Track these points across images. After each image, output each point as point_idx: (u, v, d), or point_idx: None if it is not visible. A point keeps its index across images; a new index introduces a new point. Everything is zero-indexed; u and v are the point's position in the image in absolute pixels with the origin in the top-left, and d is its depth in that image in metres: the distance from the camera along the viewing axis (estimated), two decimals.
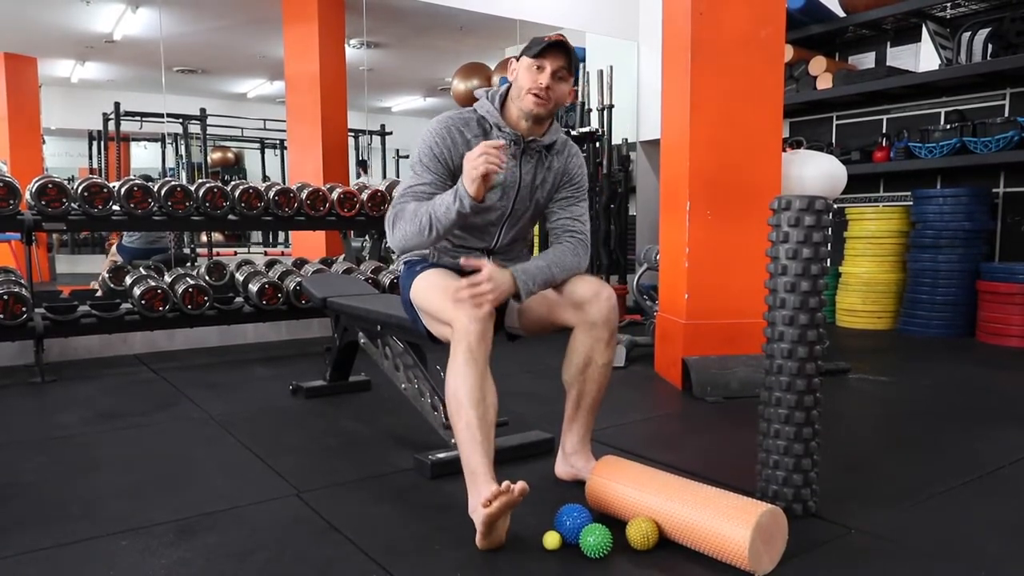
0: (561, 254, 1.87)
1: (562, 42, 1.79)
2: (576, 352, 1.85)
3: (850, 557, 1.55)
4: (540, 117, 1.85)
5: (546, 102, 1.82)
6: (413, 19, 6.65)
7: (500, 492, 1.48)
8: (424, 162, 1.84)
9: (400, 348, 2.38)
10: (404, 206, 1.80)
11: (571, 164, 1.97)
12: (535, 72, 1.80)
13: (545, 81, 1.79)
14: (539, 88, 1.79)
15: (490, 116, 1.87)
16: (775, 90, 3.15)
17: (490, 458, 1.61)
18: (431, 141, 1.85)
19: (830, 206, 1.69)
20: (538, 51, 1.79)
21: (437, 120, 1.88)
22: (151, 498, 1.88)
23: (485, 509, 1.49)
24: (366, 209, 4.12)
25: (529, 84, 1.80)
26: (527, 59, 1.82)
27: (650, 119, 6.00)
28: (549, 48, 1.78)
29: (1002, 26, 4.27)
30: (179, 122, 8.01)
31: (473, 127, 1.87)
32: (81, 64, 7.83)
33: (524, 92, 1.81)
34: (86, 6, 6.10)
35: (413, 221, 1.76)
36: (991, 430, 2.49)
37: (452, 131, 1.85)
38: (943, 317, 4.37)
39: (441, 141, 1.84)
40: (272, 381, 3.25)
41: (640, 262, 4.05)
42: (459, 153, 1.81)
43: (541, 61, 1.80)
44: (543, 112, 1.84)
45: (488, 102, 1.89)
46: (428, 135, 1.86)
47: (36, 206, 3.28)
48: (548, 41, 1.79)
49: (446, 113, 1.90)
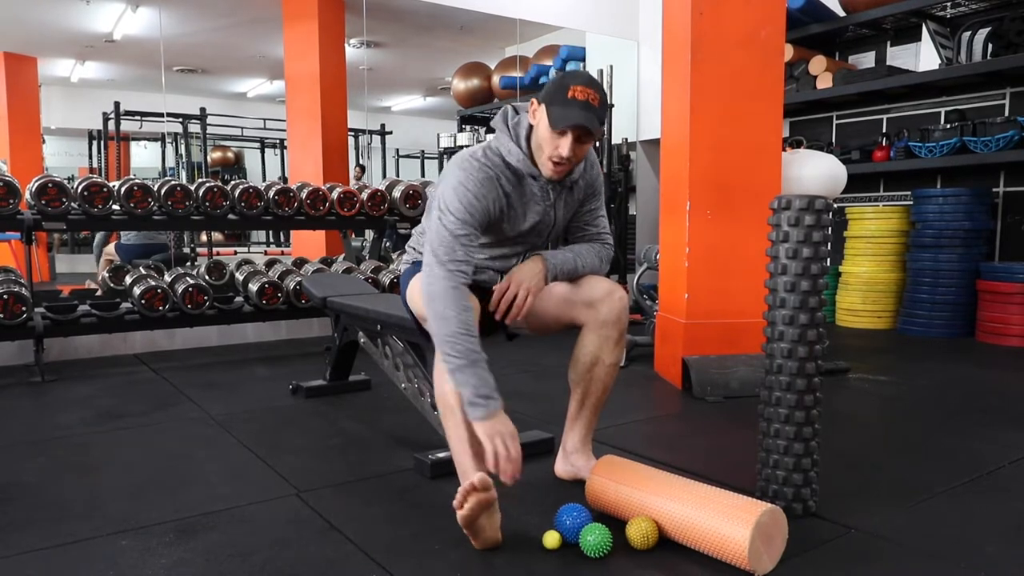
0: (587, 252, 1.89)
1: (584, 125, 1.64)
2: (584, 350, 1.85)
3: (850, 557, 1.55)
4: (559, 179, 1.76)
5: (566, 167, 1.72)
6: (413, 19, 6.65)
7: (468, 491, 1.48)
8: (470, 211, 1.67)
9: (400, 348, 2.38)
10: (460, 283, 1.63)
11: (591, 175, 1.91)
12: (556, 137, 1.67)
13: (566, 152, 1.67)
14: (559, 157, 1.68)
15: (524, 167, 1.74)
16: (775, 90, 3.15)
17: (480, 456, 1.61)
18: (477, 191, 1.68)
19: (830, 206, 1.69)
20: (561, 126, 1.64)
21: (478, 164, 1.71)
22: (151, 498, 1.88)
23: (459, 512, 1.49)
24: (366, 209, 4.12)
25: (549, 150, 1.69)
26: (547, 122, 1.66)
27: (650, 119, 6.00)
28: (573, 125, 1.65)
29: (1002, 26, 4.27)
30: (179, 122, 8.01)
31: (509, 176, 1.75)
32: (81, 64, 7.83)
33: (543, 155, 1.70)
34: (86, 6, 6.10)
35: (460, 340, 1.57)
36: (991, 430, 2.49)
37: (494, 184, 1.72)
38: (943, 317, 4.37)
39: (487, 193, 1.70)
40: (272, 381, 3.25)
41: (640, 262, 4.05)
42: (499, 207, 1.74)
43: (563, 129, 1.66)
44: (562, 176, 1.75)
45: (515, 146, 1.74)
46: (472, 182, 1.68)
47: (36, 205, 3.29)
48: (573, 110, 1.63)
49: (479, 155, 1.73)
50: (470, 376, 1.55)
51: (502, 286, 1.78)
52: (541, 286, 1.80)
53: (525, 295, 1.77)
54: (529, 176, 1.76)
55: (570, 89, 1.64)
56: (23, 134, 7.77)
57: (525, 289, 1.77)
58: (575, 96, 1.64)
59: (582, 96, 1.64)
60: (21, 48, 7.54)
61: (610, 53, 6.04)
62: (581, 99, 1.64)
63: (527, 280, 1.77)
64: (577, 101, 1.63)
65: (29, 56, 7.68)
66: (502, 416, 1.57)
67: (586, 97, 1.64)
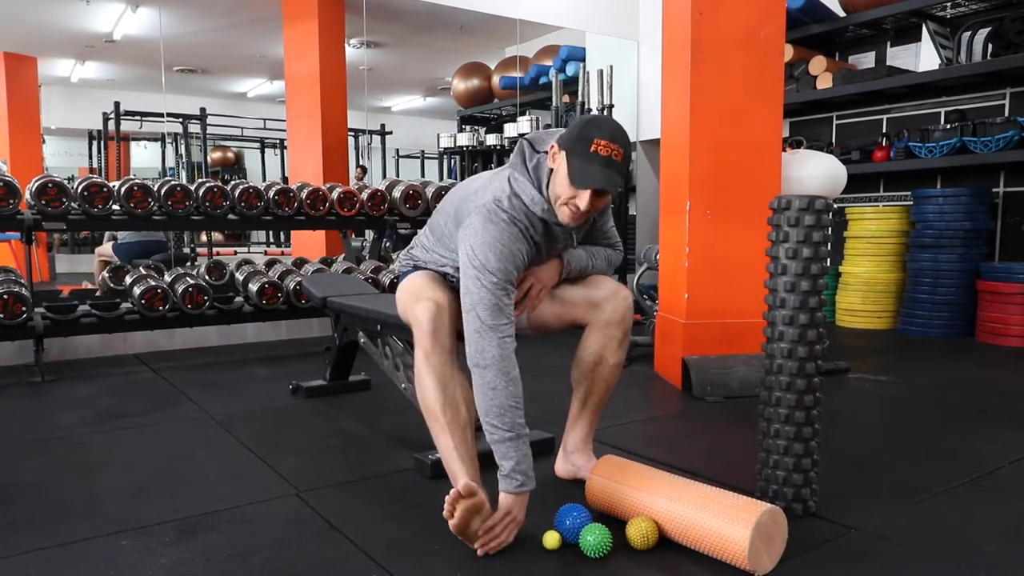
0: (599, 253, 1.92)
1: (605, 188, 1.59)
2: (588, 350, 1.86)
3: (850, 557, 1.55)
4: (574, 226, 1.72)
5: (581, 218, 1.67)
6: (413, 19, 6.65)
7: (455, 500, 1.49)
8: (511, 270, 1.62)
9: (400, 348, 2.38)
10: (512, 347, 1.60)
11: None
12: (574, 189, 1.61)
13: (584, 206, 1.61)
14: (575, 207, 1.62)
15: (548, 217, 1.69)
16: (775, 90, 3.15)
17: (469, 458, 1.62)
18: (514, 248, 1.63)
19: (830, 206, 1.69)
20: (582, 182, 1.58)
21: (508, 219, 1.64)
22: (151, 498, 1.88)
23: (449, 521, 1.50)
24: (366, 209, 4.12)
25: (565, 198, 1.63)
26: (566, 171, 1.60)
27: (650, 119, 6.00)
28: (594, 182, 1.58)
29: (1002, 26, 4.27)
30: (179, 122, 8.02)
31: (537, 225, 1.70)
32: (81, 64, 7.83)
33: (559, 202, 1.65)
34: (86, 6, 6.10)
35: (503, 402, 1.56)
36: (991, 430, 2.49)
37: (526, 237, 1.68)
38: (943, 317, 4.37)
39: (521, 248, 1.66)
40: (272, 381, 3.25)
41: (640, 262, 4.05)
42: (529, 257, 1.71)
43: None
44: (576, 225, 1.71)
45: (537, 193, 1.68)
46: (509, 238, 1.63)
47: (36, 205, 3.28)
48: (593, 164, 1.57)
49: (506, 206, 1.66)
50: (514, 450, 1.57)
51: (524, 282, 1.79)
52: (556, 281, 1.82)
53: (540, 288, 1.79)
54: (554, 223, 1.72)
55: (593, 142, 1.57)
56: (23, 134, 7.78)
57: (540, 284, 1.79)
58: (598, 151, 1.56)
59: (605, 152, 1.56)
60: (21, 48, 7.55)
61: (610, 53, 6.03)
62: (604, 155, 1.56)
63: (543, 273, 1.79)
64: (600, 157, 1.56)
65: (29, 56, 7.68)
66: (526, 500, 1.60)
67: (609, 153, 1.57)
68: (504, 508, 1.57)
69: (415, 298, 1.76)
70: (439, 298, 1.73)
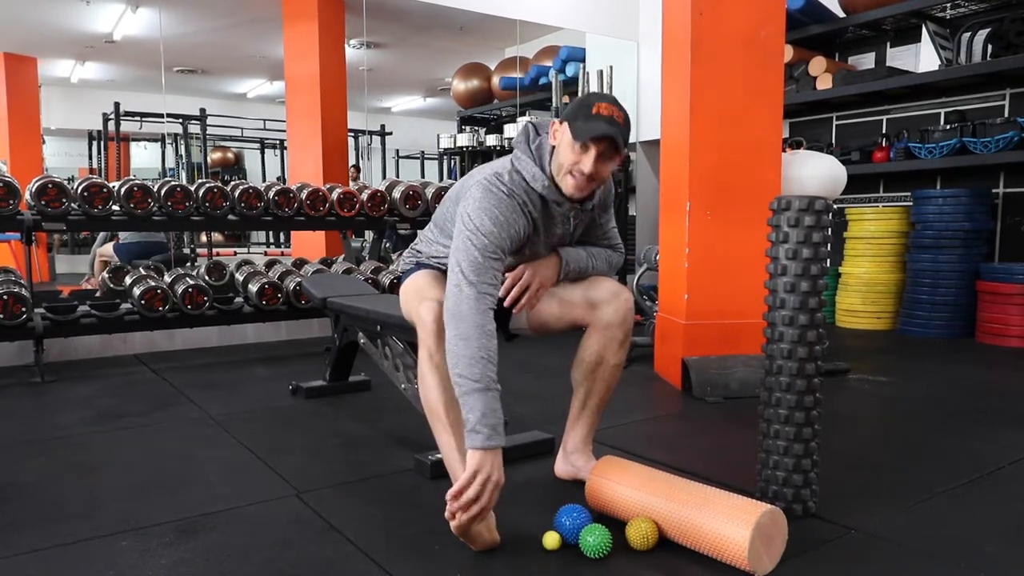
0: (599, 254, 1.91)
1: (611, 134, 1.60)
2: (588, 351, 1.86)
3: (850, 557, 1.55)
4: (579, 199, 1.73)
5: (587, 186, 1.68)
6: (413, 19, 6.65)
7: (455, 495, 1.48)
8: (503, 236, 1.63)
9: (400, 348, 2.38)
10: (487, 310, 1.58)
11: (604, 191, 1.88)
12: (578, 152, 1.63)
13: (588, 168, 1.63)
14: (580, 172, 1.64)
15: (548, 194, 1.71)
16: (775, 90, 3.15)
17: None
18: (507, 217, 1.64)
19: (830, 206, 1.69)
20: (584, 138, 1.61)
21: (506, 190, 1.67)
22: (151, 498, 1.88)
23: (451, 523, 1.49)
24: (366, 209, 4.12)
25: (569, 165, 1.65)
26: (570, 137, 1.63)
27: (650, 119, 5.99)
28: (596, 138, 1.61)
29: (1002, 26, 4.27)
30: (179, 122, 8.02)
31: (536, 201, 1.72)
32: (81, 64, 7.83)
33: (564, 172, 1.67)
34: (86, 6, 6.10)
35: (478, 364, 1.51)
36: (991, 430, 2.49)
37: (521, 211, 1.69)
38: (943, 317, 4.37)
39: (516, 220, 1.67)
40: (272, 381, 3.25)
41: (640, 262, 4.05)
42: (525, 234, 1.71)
43: (586, 143, 1.63)
44: (582, 196, 1.71)
45: (539, 170, 1.70)
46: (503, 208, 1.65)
47: (36, 206, 3.28)
48: (596, 124, 1.60)
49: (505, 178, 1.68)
50: (480, 402, 1.49)
51: (516, 273, 1.78)
52: (553, 280, 1.81)
53: (538, 286, 1.78)
54: (554, 202, 1.73)
55: (594, 106, 1.62)
56: (23, 134, 7.78)
57: (538, 281, 1.78)
58: (599, 112, 1.61)
59: (607, 112, 1.61)
60: (21, 48, 7.55)
61: (610, 53, 6.04)
62: (606, 115, 1.61)
63: (540, 271, 1.78)
64: (602, 116, 1.60)
65: (29, 56, 7.68)
66: (498, 458, 1.50)
67: (610, 113, 1.61)
68: (472, 466, 1.46)
69: (420, 298, 1.76)
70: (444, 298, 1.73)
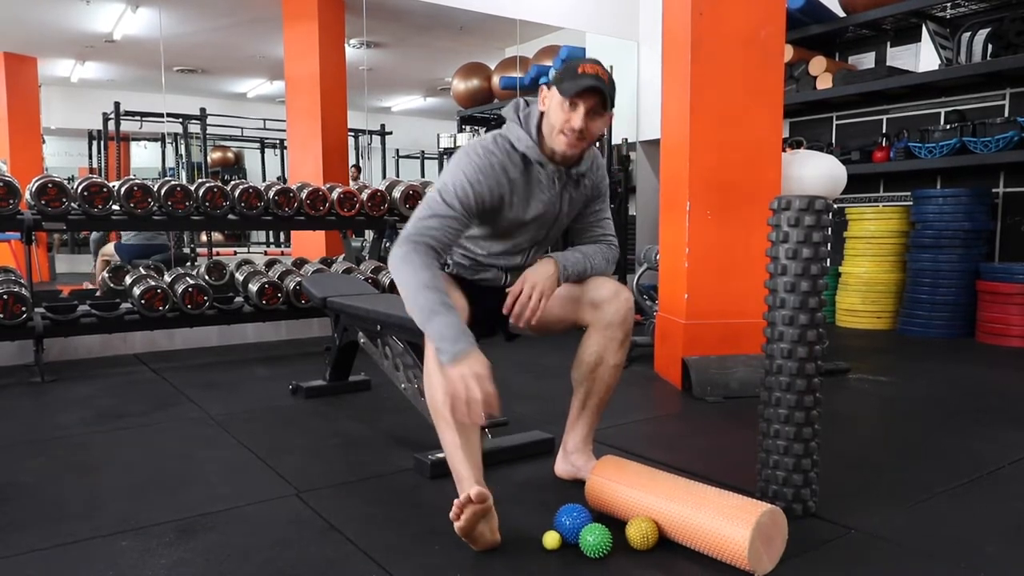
0: (595, 254, 1.90)
1: (597, 85, 1.66)
2: (589, 351, 1.86)
3: (850, 557, 1.55)
4: (570, 158, 1.76)
5: (578, 144, 1.71)
6: (413, 19, 6.65)
7: (464, 504, 1.48)
8: (458, 193, 1.67)
9: (400, 348, 2.38)
10: (415, 253, 1.60)
11: (598, 177, 1.92)
12: (568, 110, 1.68)
13: (578, 123, 1.67)
14: (571, 130, 1.68)
15: (531, 153, 1.75)
16: (775, 90, 3.15)
17: (474, 459, 1.61)
18: (474, 176, 1.69)
19: (830, 206, 1.69)
20: (572, 92, 1.65)
21: (482, 150, 1.72)
22: (151, 498, 1.88)
23: (456, 523, 1.50)
24: (366, 209, 4.12)
25: (560, 124, 1.69)
26: (559, 96, 1.69)
27: (650, 119, 6.00)
28: (584, 91, 1.66)
29: (1002, 26, 4.27)
30: (179, 122, 8.02)
31: (516, 163, 1.75)
32: (81, 64, 7.83)
33: (555, 132, 1.70)
34: (86, 6, 6.10)
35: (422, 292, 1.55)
36: (991, 430, 2.49)
37: (498, 173, 1.72)
38: (943, 317, 4.37)
39: (486, 182, 1.70)
40: (272, 381, 3.25)
41: (640, 262, 4.05)
42: (499, 195, 1.73)
43: (575, 99, 1.67)
44: (575, 154, 1.74)
45: (524, 132, 1.75)
46: (471, 167, 1.70)
47: (36, 206, 3.28)
48: (583, 79, 1.65)
49: (488, 146, 1.74)
50: (434, 326, 1.51)
51: (515, 289, 1.77)
52: (554, 288, 1.79)
53: (539, 297, 1.75)
54: (537, 163, 1.76)
55: (580, 67, 1.68)
56: (23, 134, 7.78)
57: (539, 291, 1.75)
58: (585, 71, 1.67)
59: (592, 71, 1.67)
60: (21, 48, 7.55)
61: (610, 53, 6.03)
62: (591, 72, 1.67)
63: (540, 282, 1.75)
64: (588, 74, 1.66)
65: (29, 56, 7.68)
66: (473, 356, 1.49)
67: (596, 72, 1.67)
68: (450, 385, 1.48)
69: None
70: (454, 298, 1.71)
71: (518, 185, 1.76)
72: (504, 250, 1.90)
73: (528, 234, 1.87)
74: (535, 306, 1.74)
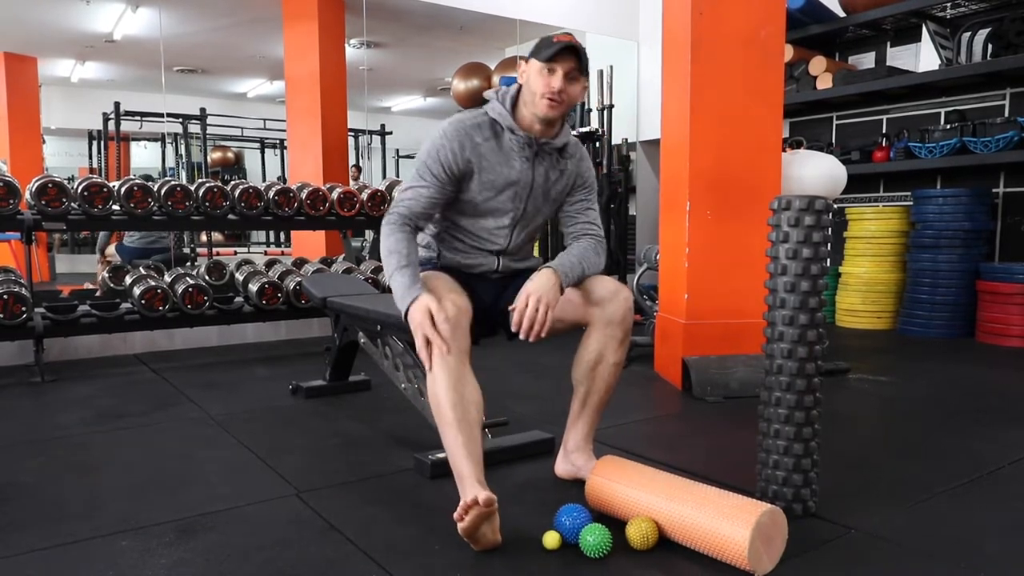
0: (586, 251, 1.91)
1: (572, 45, 1.78)
2: (589, 349, 1.86)
3: (850, 557, 1.55)
4: (553, 120, 1.84)
5: (559, 104, 1.80)
6: (413, 19, 6.65)
7: (469, 506, 1.49)
8: (429, 166, 1.82)
9: (400, 348, 2.38)
10: (394, 226, 1.80)
11: (583, 167, 1.98)
12: (547, 75, 1.78)
13: (558, 85, 1.77)
14: (552, 92, 1.78)
15: (502, 119, 1.85)
16: (775, 90, 3.15)
17: (475, 458, 1.61)
18: (439, 144, 1.82)
19: (830, 206, 1.69)
20: (549, 55, 1.76)
21: (448, 123, 1.85)
22: (151, 498, 1.88)
23: (459, 523, 1.50)
24: (366, 209, 4.12)
25: (542, 89, 1.78)
26: (537, 63, 1.79)
27: (650, 119, 6.01)
28: (560, 52, 1.76)
29: (1002, 26, 4.27)
30: (179, 122, 8.02)
31: (485, 130, 1.85)
32: (81, 64, 7.83)
33: (537, 96, 1.79)
34: (86, 6, 6.10)
35: (388, 257, 1.77)
36: (991, 430, 2.49)
37: (462, 135, 1.83)
38: (943, 317, 4.37)
39: (449, 145, 1.81)
40: (272, 381, 3.25)
41: (640, 262, 4.05)
42: (466, 158, 1.82)
43: (552, 64, 1.77)
44: (557, 115, 1.82)
45: (499, 104, 1.86)
46: (437, 138, 1.83)
47: (36, 206, 3.28)
48: (558, 44, 1.77)
49: (457, 116, 1.87)
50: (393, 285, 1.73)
51: (520, 304, 1.73)
52: (558, 297, 1.77)
53: (545, 310, 1.72)
54: (508, 130, 1.85)
55: (553, 37, 1.82)
56: (23, 134, 7.77)
57: (544, 304, 1.72)
58: (559, 39, 1.80)
59: (565, 39, 1.80)
60: (21, 48, 7.54)
61: (610, 53, 6.04)
62: (565, 40, 1.79)
63: (544, 294, 1.73)
64: (562, 41, 1.78)
65: (29, 56, 7.68)
66: (424, 295, 1.68)
67: (569, 39, 1.79)
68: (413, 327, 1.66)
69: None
70: (459, 302, 1.72)
71: (486, 150, 1.84)
72: (487, 228, 1.91)
73: (505, 206, 1.89)
74: (543, 319, 1.72)
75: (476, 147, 1.83)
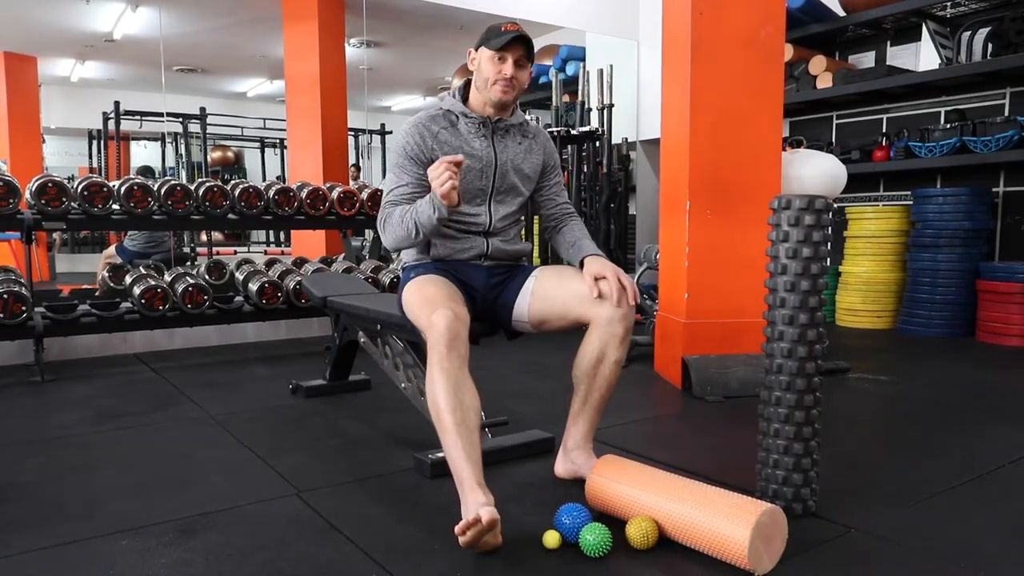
0: (583, 231, 2.09)
1: (521, 35, 1.91)
2: (590, 347, 1.87)
3: (850, 557, 1.55)
4: (507, 104, 1.98)
5: (512, 89, 1.94)
6: (413, 19, 6.65)
7: (470, 524, 1.49)
8: (401, 164, 1.96)
9: (400, 347, 2.38)
10: (392, 211, 1.93)
11: (549, 148, 2.13)
12: (498, 63, 1.92)
13: (509, 71, 1.92)
14: (504, 78, 1.92)
15: (454, 107, 2.00)
16: (775, 90, 3.15)
17: (475, 461, 1.61)
18: (403, 142, 1.97)
19: (830, 206, 1.69)
20: (501, 44, 1.89)
21: (407, 122, 2.00)
22: (151, 498, 1.88)
23: (460, 538, 1.50)
24: (366, 208, 4.12)
25: (494, 75, 1.93)
26: (488, 51, 1.92)
27: (650, 119, 6.00)
28: (511, 41, 1.89)
29: (1002, 25, 4.27)
30: (179, 121, 8.02)
31: (440, 120, 1.99)
32: (81, 63, 7.83)
33: (490, 83, 1.94)
34: (86, 5, 6.10)
35: (401, 226, 1.89)
36: (991, 430, 2.49)
37: (420, 128, 1.97)
38: (943, 317, 4.37)
39: (412, 140, 1.95)
40: (272, 380, 3.25)
41: (640, 262, 4.05)
42: (429, 146, 1.95)
43: (503, 53, 1.91)
44: (509, 99, 1.96)
45: (450, 96, 2.03)
46: (400, 138, 1.99)
47: (36, 205, 3.28)
48: (508, 33, 1.90)
49: (416, 115, 2.03)
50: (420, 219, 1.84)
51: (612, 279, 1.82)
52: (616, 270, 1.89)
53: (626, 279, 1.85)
54: (462, 115, 1.99)
55: (502, 26, 1.94)
56: (23, 134, 7.78)
57: (623, 273, 1.85)
58: (507, 29, 1.92)
59: (512, 28, 1.92)
60: (21, 48, 7.55)
61: (610, 53, 6.03)
62: (513, 29, 1.91)
63: (615, 268, 1.87)
64: (510, 31, 1.91)
65: (29, 56, 7.68)
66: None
67: (517, 29, 1.91)
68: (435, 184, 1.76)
69: (431, 305, 1.76)
70: (458, 309, 1.75)
71: (445, 137, 1.97)
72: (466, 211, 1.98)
73: (475, 184, 1.98)
74: (631, 283, 1.85)
75: (435, 135, 1.96)
